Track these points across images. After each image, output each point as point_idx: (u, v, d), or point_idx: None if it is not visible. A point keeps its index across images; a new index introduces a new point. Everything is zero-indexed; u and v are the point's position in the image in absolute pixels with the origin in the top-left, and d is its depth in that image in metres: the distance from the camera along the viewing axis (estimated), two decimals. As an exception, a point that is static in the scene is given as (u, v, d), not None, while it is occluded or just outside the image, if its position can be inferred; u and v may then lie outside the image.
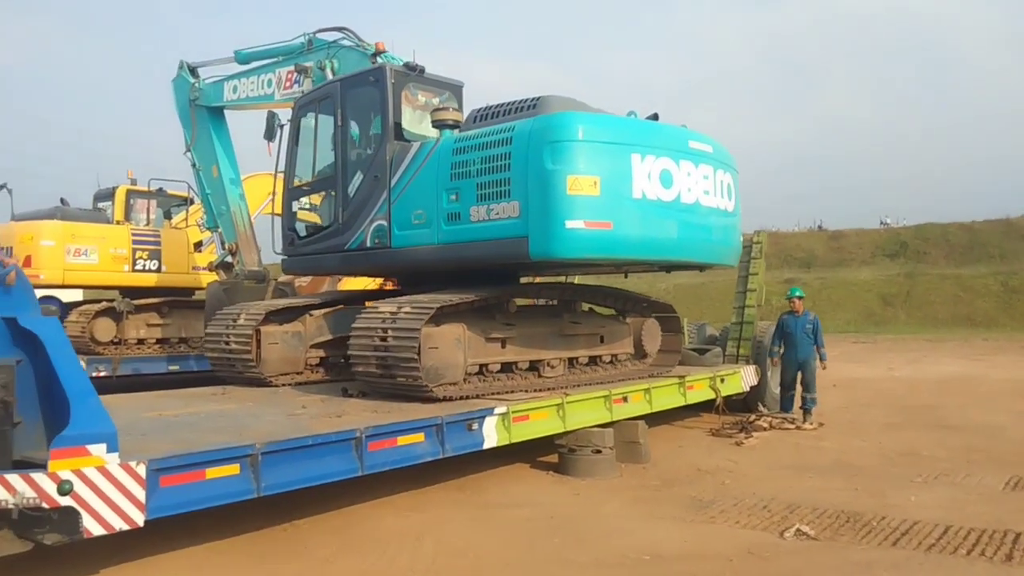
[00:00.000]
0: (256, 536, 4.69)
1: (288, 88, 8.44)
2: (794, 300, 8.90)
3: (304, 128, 7.22)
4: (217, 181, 9.60)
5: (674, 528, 4.88)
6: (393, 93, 6.42)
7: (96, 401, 3.55)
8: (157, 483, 3.66)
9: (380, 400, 5.72)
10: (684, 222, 6.05)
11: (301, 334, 6.81)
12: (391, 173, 6.32)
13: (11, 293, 3.66)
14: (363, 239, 6.49)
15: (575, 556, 4.37)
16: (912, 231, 36.46)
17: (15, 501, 3.28)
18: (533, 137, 5.54)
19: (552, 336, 6.59)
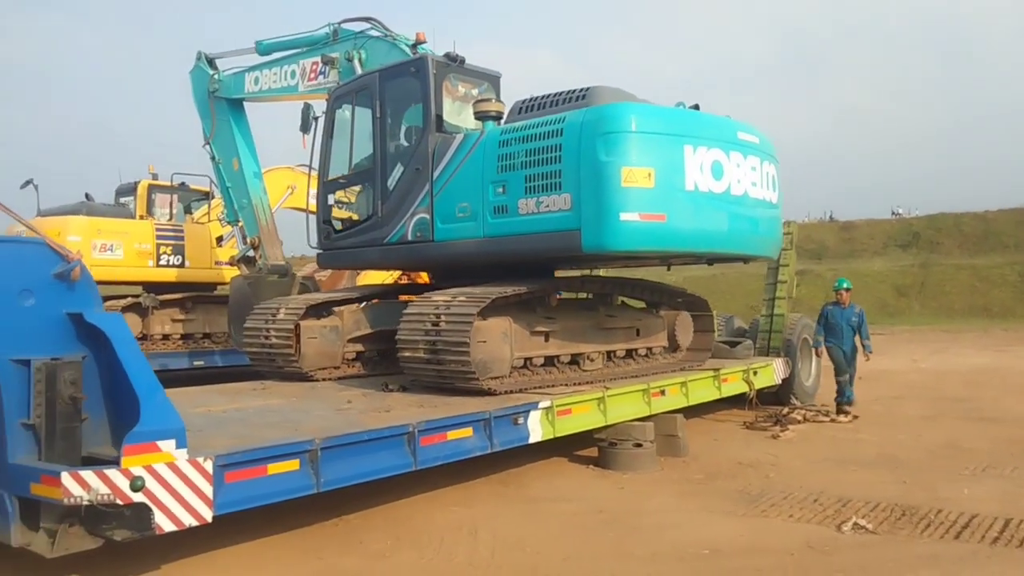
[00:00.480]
0: (308, 531, 4.71)
1: (313, 79, 8.33)
2: (841, 292, 8.75)
3: (339, 120, 7.16)
4: (238, 174, 9.48)
5: (727, 522, 4.86)
6: (435, 84, 6.37)
7: (164, 397, 3.56)
8: (222, 479, 3.67)
9: (422, 394, 5.73)
10: (734, 214, 6.04)
11: (338, 328, 6.81)
12: (433, 165, 6.28)
13: (75, 289, 3.68)
14: (404, 232, 6.47)
15: (632, 550, 4.36)
16: (925, 221, 36.14)
17: (89, 497, 3.30)
18: (586, 128, 5.49)
19: (591, 329, 6.58)
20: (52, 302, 3.60)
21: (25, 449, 3.54)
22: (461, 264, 6.46)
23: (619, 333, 6.91)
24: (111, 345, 3.57)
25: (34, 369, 3.50)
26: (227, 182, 9.59)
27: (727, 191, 5.97)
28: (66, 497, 3.28)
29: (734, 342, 8.85)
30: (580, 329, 6.48)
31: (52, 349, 3.58)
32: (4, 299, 3.47)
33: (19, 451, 3.52)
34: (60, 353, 3.59)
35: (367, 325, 7.03)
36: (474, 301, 5.46)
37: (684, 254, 6.21)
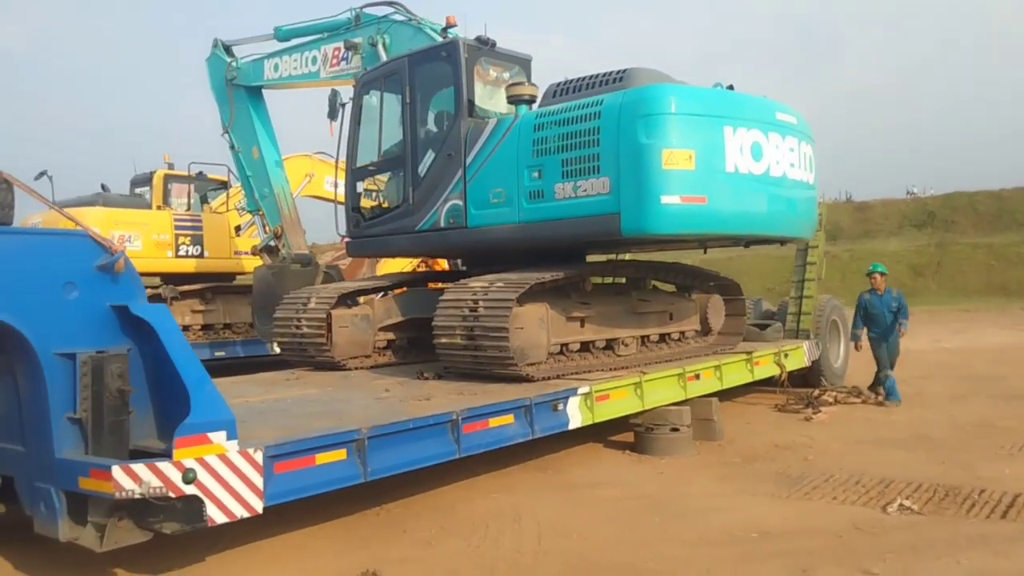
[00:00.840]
0: (351, 520, 4.67)
1: (335, 65, 8.17)
2: (875, 276, 8.40)
3: (367, 106, 7.04)
4: (258, 162, 9.35)
5: (771, 505, 4.82)
6: (467, 68, 6.25)
7: (213, 388, 3.51)
8: (272, 470, 3.63)
9: (458, 382, 5.67)
10: (773, 196, 5.97)
11: (369, 317, 6.74)
12: (466, 151, 6.18)
13: (119, 280, 3.62)
14: (436, 219, 6.38)
15: (680, 534, 4.31)
16: (940, 200, 35.77)
17: (141, 491, 3.26)
18: (625, 111, 5.40)
19: (626, 314, 6.51)
20: (96, 295, 3.54)
21: (71, 443, 3.51)
22: (495, 250, 6.38)
23: (652, 317, 6.84)
24: (157, 337, 3.52)
25: (80, 362, 3.46)
26: (247, 171, 9.47)
27: (766, 172, 5.89)
28: (117, 491, 3.24)
29: (763, 325, 8.74)
30: (614, 314, 6.41)
31: (97, 342, 3.54)
32: (48, 292, 3.42)
33: (65, 445, 3.49)
34: (105, 346, 3.55)
35: (398, 313, 6.96)
36: (512, 287, 5.38)
37: (724, 237, 6.14)
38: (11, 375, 3.61)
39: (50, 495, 3.46)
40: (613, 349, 6.46)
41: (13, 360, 3.54)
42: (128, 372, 3.50)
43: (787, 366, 7.90)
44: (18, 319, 3.31)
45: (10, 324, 3.29)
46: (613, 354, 6.44)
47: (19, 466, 3.65)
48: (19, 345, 3.40)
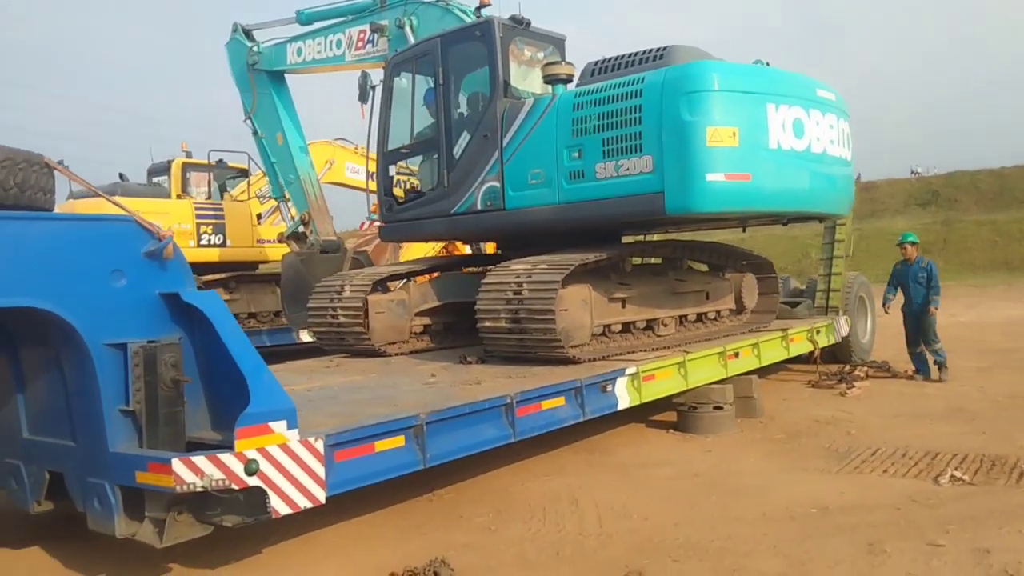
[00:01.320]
0: (404, 507, 4.57)
1: (360, 48, 8.01)
2: (905, 246, 8.26)
3: (398, 89, 6.88)
4: (283, 148, 9.16)
5: (824, 480, 4.76)
6: (502, 48, 6.12)
7: (271, 376, 3.38)
8: (332, 458, 3.51)
9: (501, 365, 5.56)
10: (815, 172, 5.90)
11: (405, 302, 6.62)
12: (502, 132, 6.06)
13: (168, 267, 3.47)
14: (473, 202, 6.26)
15: (740, 512, 4.23)
16: (943, 179, 36.08)
17: (203, 483, 3.13)
18: (667, 88, 5.31)
19: (665, 294, 6.41)
20: (144, 282, 3.39)
21: (125, 437, 3.37)
22: (534, 232, 6.26)
23: (690, 297, 6.74)
24: (210, 325, 3.38)
25: (131, 353, 3.32)
26: (272, 157, 9.27)
27: (808, 149, 5.81)
28: (178, 484, 3.12)
29: (794, 302, 8.64)
30: (654, 294, 6.31)
31: (147, 331, 3.39)
32: (95, 280, 3.26)
33: (119, 439, 3.35)
34: (155, 335, 3.40)
35: (434, 298, 6.85)
36: (556, 268, 5.27)
37: (767, 214, 6.05)
38: (58, 368, 3.48)
39: (104, 491, 3.34)
40: (653, 329, 6.36)
41: (60, 352, 3.40)
42: (182, 362, 3.36)
43: (819, 343, 7.81)
44: (65, 309, 3.16)
45: (57, 314, 3.14)
46: (653, 334, 6.34)
47: (69, 461, 3.52)
48: (66, 336, 3.26)
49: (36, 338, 3.49)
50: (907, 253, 8.27)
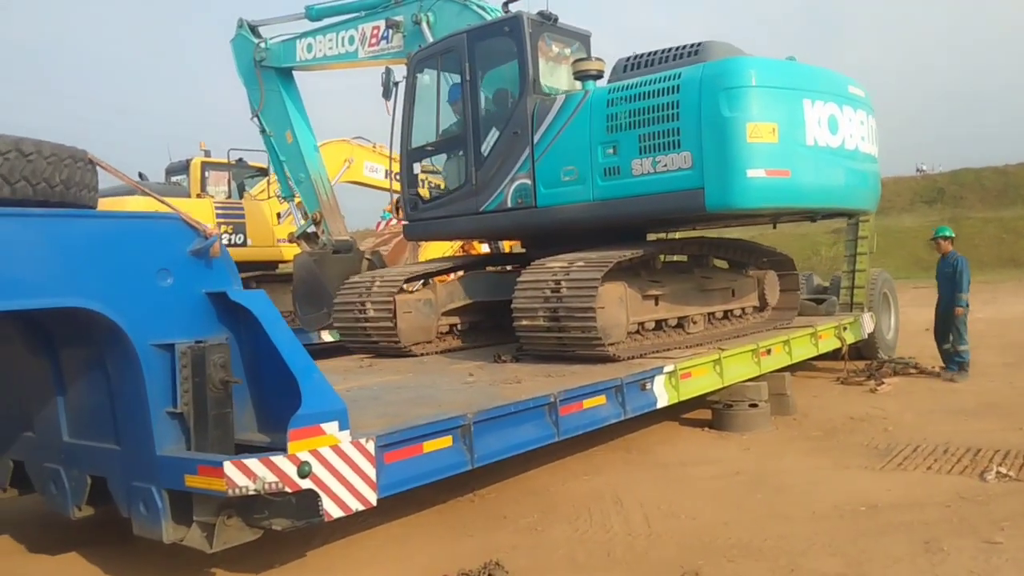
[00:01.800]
0: (445, 508, 4.49)
1: (374, 45, 7.85)
2: (938, 241, 8.14)
3: (422, 85, 6.80)
4: (292, 146, 8.94)
5: (869, 477, 4.70)
6: (531, 43, 6.05)
7: (321, 377, 3.30)
8: (383, 460, 3.43)
9: (536, 364, 5.48)
10: (848, 168, 5.90)
11: (432, 301, 6.53)
12: (533, 129, 5.99)
13: (214, 266, 3.39)
14: (502, 199, 6.19)
15: (788, 511, 4.16)
16: (948, 177, 36.28)
17: (256, 487, 3.06)
18: (706, 84, 5.27)
19: (694, 292, 6.34)
20: (191, 281, 3.32)
21: (172, 440, 3.30)
22: (567, 230, 6.19)
23: (717, 294, 6.67)
24: (258, 324, 3.30)
25: (179, 353, 3.24)
26: (281, 155, 9.08)
27: (842, 145, 5.82)
28: (230, 488, 3.04)
29: (819, 299, 8.56)
30: (684, 292, 6.24)
31: (194, 331, 3.32)
32: (142, 280, 3.19)
33: (166, 442, 3.28)
34: (202, 335, 3.33)
35: (461, 297, 6.76)
36: (595, 266, 5.21)
37: (803, 210, 6.02)
38: (101, 369, 3.40)
39: (151, 495, 3.25)
40: (683, 327, 6.29)
41: (104, 353, 3.33)
42: (230, 362, 3.29)
43: (846, 339, 7.73)
44: (112, 309, 3.08)
45: (103, 314, 3.06)
46: (683, 332, 6.26)
47: (113, 465, 3.44)
48: (112, 336, 3.18)
49: (78, 339, 3.42)
50: (940, 248, 8.12)
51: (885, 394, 7.19)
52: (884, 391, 7.27)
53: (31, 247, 2.86)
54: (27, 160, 2.89)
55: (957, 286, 7.86)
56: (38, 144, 2.97)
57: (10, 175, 2.84)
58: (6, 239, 2.80)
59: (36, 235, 2.88)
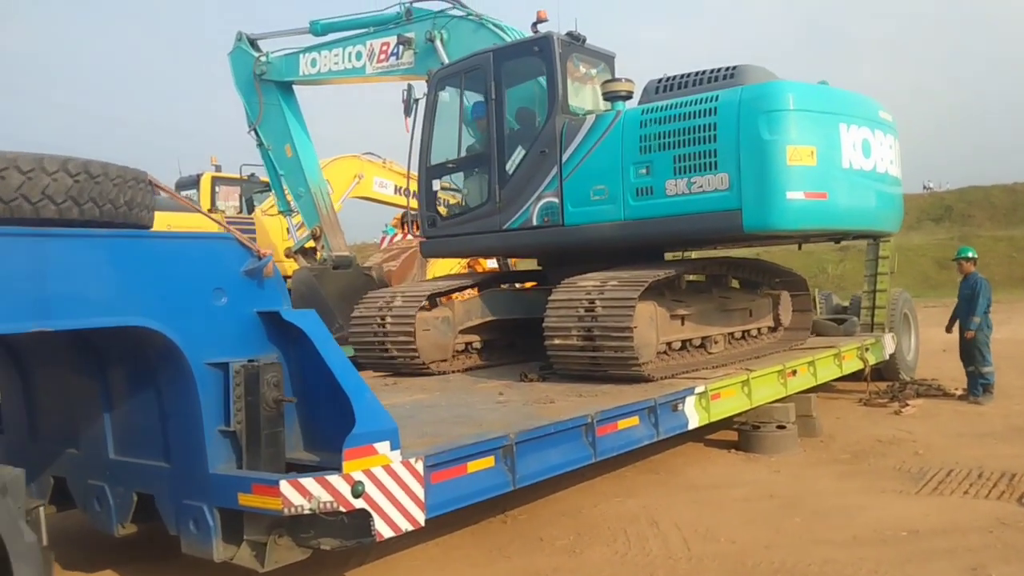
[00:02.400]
0: (478, 529, 4.49)
1: (383, 61, 7.87)
2: (959, 262, 8.18)
3: (442, 103, 6.85)
4: (292, 160, 8.93)
5: (906, 502, 4.70)
6: (561, 64, 6.13)
7: (373, 396, 3.33)
8: (429, 480, 3.44)
9: (563, 383, 5.48)
10: (878, 191, 6.01)
11: (450, 319, 6.52)
12: (562, 148, 6.05)
13: (265, 286, 3.44)
14: (527, 217, 6.24)
15: (829, 535, 4.17)
16: (955, 195, 36.36)
17: (311, 506, 3.07)
18: (744, 107, 5.35)
19: (716, 311, 6.37)
20: (244, 301, 3.35)
21: (224, 458, 3.32)
22: (594, 248, 6.22)
23: (736, 314, 6.69)
24: (309, 343, 3.34)
25: (233, 372, 3.27)
26: (280, 169, 9.05)
27: (874, 169, 5.93)
28: (286, 507, 3.06)
29: (839, 319, 8.56)
30: (707, 312, 6.26)
31: (246, 350, 3.34)
32: (198, 299, 3.22)
33: (218, 460, 3.30)
34: (255, 354, 3.36)
35: (478, 315, 6.75)
36: (630, 285, 5.24)
37: (836, 232, 6.11)
38: (152, 387, 3.42)
39: (202, 513, 3.26)
40: (705, 347, 6.29)
41: (157, 371, 3.35)
42: (283, 381, 3.32)
43: (869, 360, 7.73)
44: (170, 327, 3.11)
45: (161, 332, 3.10)
46: (705, 352, 6.27)
47: (162, 483, 3.45)
48: (167, 355, 3.21)
49: (130, 357, 3.44)
50: (962, 268, 8.16)
51: (910, 416, 7.18)
52: (909, 413, 7.27)
53: (98, 266, 2.90)
54: (95, 182, 2.94)
55: (974, 308, 7.87)
56: (104, 166, 3.02)
57: (79, 196, 2.89)
58: (75, 259, 2.84)
59: (103, 255, 2.92)
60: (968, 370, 7.98)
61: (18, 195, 2.77)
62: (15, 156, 2.79)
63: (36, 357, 3.90)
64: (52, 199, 2.84)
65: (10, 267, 2.68)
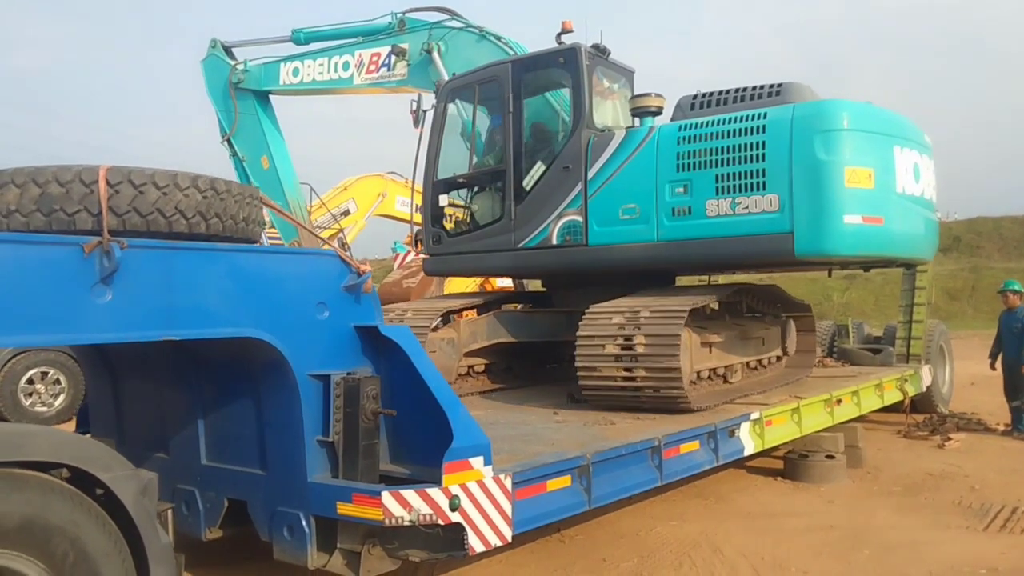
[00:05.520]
0: (536, 547, 4.55)
1: (372, 72, 7.65)
2: (1007, 294, 8.12)
3: (452, 115, 6.62)
4: (269, 172, 8.63)
5: (976, 539, 4.71)
6: (587, 76, 5.91)
7: (466, 412, 3.43)
8: (515, 496, 3.53)
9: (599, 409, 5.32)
10: (925, 218, 5.95)
11: (454, 341, 6.18)
12: (587, 164, 5.82)
13: (363, 301, 3.56)
14: (547, 236, 6.00)
15: (902, 570, 4.19)
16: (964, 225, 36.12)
17: (411, 518, 3.16)
18: (798, 125, 5.17)
19: (737, 340, 6.15)
20: (343, 315, 3.47)
21: (320, 468, 3.42)
22: (623, 270, 6.03)
23: (752, 343, 6.47)
24: (405, 358, 3.45)
25: (333, 384, 3.39)
26: (255, 182, 8.60)
27: (922, 194, 5.86)
28: (387, 517, 3.15)
29: (875, 349, 8.62)
30: (730, 340, 6.03)
31: (344, 363, 3.46)
32: (303, 312, 3.34)
33: (315, 469, 3.40)
34: (351, 367, 3.47)
35: (484, 337, 6.41)
36: (671, 317, 5.05)
37: (887, 259, 5.99)
38: (251, 396, 3.53)
39: (298, 520, 3.36)
40: (726, 376, 6.08)
41: (259, 381, 3.47)
42: (380, 394, 3.43)
43: (908, 391, 7.76)
44: (278, 338, 3.23)
45: (270, 343, 3.22)
46: (726, 382, 6.07)
47: (256, 490, 3.55)
48: (272, 366, 3.32)
49: (231, 366, 3.56)
50: (1009, 302, 8.12)
51: (955, 450, 7.17)
52: (953, 447, 7.26)
53: (219, 279, 3.04)
54: (219, 198, 3.09)
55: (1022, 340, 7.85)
56: (228, 183, 3.18)
57: (207, 212, 3.04)
58: (200, 271, 2.98)
59: (224, 268, 3.05)
60: (1013, 405, 7.90)
61: (155, 209, 2.91)
62: (152, 172, 2.94)
63: (128, 363, 4.03)
64: (183, 214, 2.98)
65: (144, 278, 2.82)
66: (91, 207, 2.83)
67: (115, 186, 2.86)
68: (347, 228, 12.09)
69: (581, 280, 6.54)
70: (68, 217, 2.82)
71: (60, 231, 2.80)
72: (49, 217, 2.81)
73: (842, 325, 10.01)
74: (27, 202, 2.82)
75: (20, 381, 8.71)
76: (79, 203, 2.82)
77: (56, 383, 8.93)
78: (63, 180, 2.83)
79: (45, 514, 2.29)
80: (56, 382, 8.92)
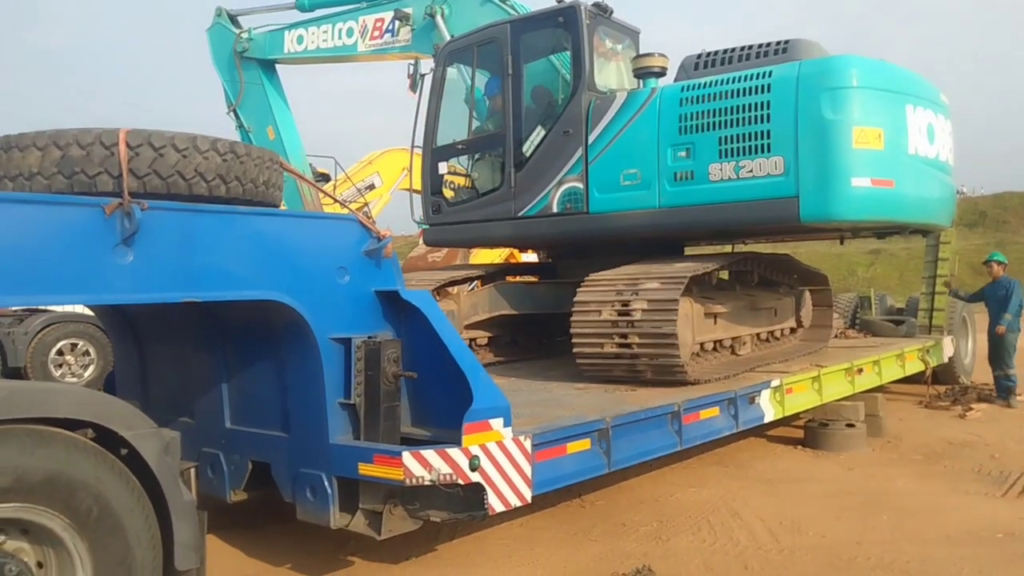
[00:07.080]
0: (557, 512, 4.59)
1: (376, 38, 7.49)
2: (991, 264, 8.25)
3: (451, 79, 6.38)
4: (275, 143, 8.47)
5: (993, 504, 4.69)
6: (588, 36, 5.64)
7: (486, 374, 3.44)
8: (534, 458, 3.56)
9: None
10: (940, 182, 5.65)
11: (455, 313, 5.97)
12: (588, 128, 5.57)
13: (383, 266, 3.57)
14: (547, 204, 5.77)
15: (921, 533, 4.18)
16: (990, 200, 35.60)
17: (431, 477, 3.20)
18: (804, 83, 4.88)
19: (745, 311, 6.00)
20: (364, 280, 3.48)
21: (342, 429, 3.45)
22: (623, 238, 5.79)
23: (763, 314, 6.33)
24: (426, 322, 3.46)
25: (355, 347, 3.41)
26: None
27: (936, 157, 5.52)
28: (408, 477, 3.18)
29: (897, 320, 8.51)
30: (737, 311, 5.85)
31: (365, 327, 3.47)
32: (324, 276, 3.35)
33: (337, 431, 3.44)
34: (372, 331, 3.49)
35: (485, 309, 6.22)
36: (670, 283, 4.86)
37: (898, 224, 5.70)
38: (274, 359, 3.56)
39: (321, 481, 3.40)
40: (734, 348, 5.96)
41: (281, 344, 3.50)
42: (401, 358, 3.45)
43: (930, 362, 7.68)
44: (299, 302, 3.24)
45: (292, 307, 3.23)
46: (734, 353, 5.94)
47: (279, 452, 3.60)
48: (294, 329, 3.35)
49: (254, 331, 3.60)
50: (992, 272, 8.26)
51: (976, 420, 7.13)
52: (974, 417, 7.22)
53: (241, 242, 3.05)
54: (239, 161, 3.09)
55: (1009, 307, 7.90)
56: (248, 147, 3.18)
57: (227, 175, 3.04)
58: (222, 234, 2.99)
59: (246, 231, 3.07)
60: (996, 373, 7.95)
61: (174, 172, 2.92)
62: (172, 135, 2.95)
63: (152, 329, 4.08)
64: (203, 176, 2.99)
65: (165, 240, 2.84)
66: (112, 169, 2.85)
67: (135, 148, 2.87)
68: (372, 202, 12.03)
69: (584, 250, 6.35)
70: (89, 179, 2.84)
71: (81, 193, 2.82)
72: (70, 179, 2.84)
73: (864, 297, 9.90)
74: (49, 164, 2.84)
75: (50, 352, 8.89)
76: (100, 165, 2.84)
77: (85, 354, 9.11)
78: (84, 143, 2.84)
79: (69, 470, 2.32)
80: (85, 353, 9.11)
